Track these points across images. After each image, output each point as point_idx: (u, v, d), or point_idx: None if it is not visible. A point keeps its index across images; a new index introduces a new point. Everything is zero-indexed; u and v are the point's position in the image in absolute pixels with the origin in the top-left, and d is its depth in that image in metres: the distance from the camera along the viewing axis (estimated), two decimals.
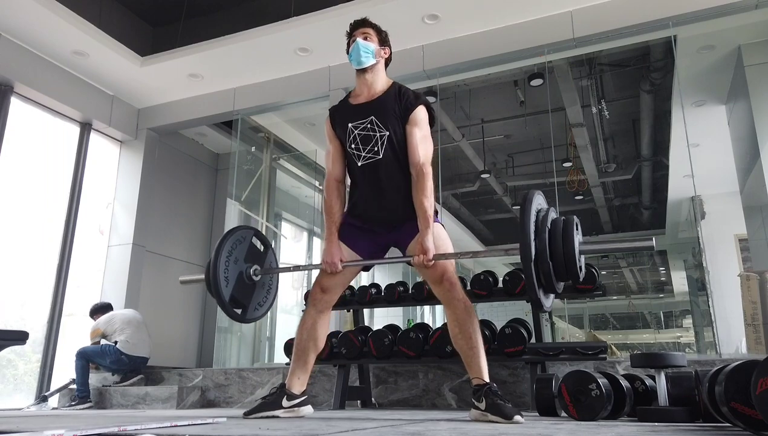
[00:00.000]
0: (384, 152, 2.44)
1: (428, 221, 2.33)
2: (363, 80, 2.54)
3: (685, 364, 2.26)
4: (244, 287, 2.80)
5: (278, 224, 7.04)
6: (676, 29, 4.52)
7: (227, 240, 2.76)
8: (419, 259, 2.30)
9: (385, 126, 2.44)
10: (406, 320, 7.22)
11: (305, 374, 2.57)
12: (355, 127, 2.49)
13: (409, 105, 2.43)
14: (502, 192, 9.11)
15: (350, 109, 2.55)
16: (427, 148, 2.44)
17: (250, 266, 2.82)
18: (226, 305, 2.71)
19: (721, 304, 5.43)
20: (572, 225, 2.14)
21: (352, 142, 2.50)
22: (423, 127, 2.45)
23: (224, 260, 2.71)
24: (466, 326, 2.34)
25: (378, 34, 2.59)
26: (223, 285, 2.69)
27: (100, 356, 4.59)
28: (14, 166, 4.99)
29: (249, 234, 2.89)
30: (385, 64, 2.61)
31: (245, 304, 2.82)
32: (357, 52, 2.51)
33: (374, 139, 2.45)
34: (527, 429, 1.79)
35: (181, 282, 3.17)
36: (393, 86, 2.54)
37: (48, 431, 1.51)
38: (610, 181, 8.69)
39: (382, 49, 2.57)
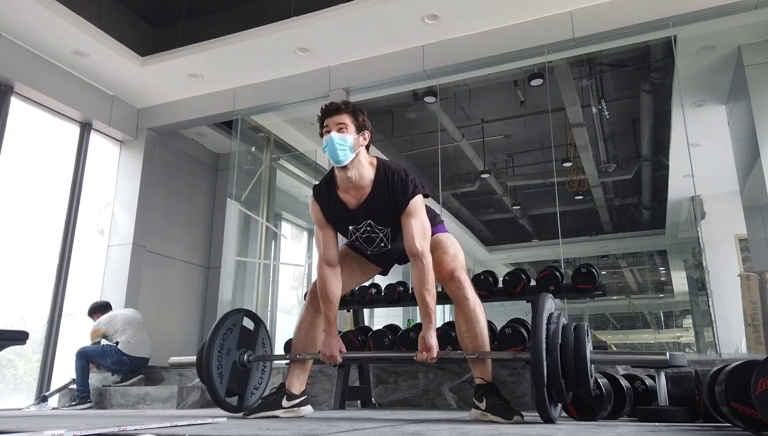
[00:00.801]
0: (392, 243, 2.44)
1: (430, 316, 2.28)
2: (346, 177, 2.31)
3: (685, 364, 2.26)
4: (238, 376, 2.74)
5: (278, 224, 7.03)
6: (676, 29, 4.51)
7: (218, 333, 2.66)
8: (422, 356, 2.28)
9: (383, 224, 2.37)
10: (406, 320, 7.22)
11: (304, 374, 2.57)
12: (356, 230, 2.41)
13: (401, 199, 2.28)
14: (502, 192, 9.11)
15: (344, 211, 2.38)
16: (425, 236, 2.31)
17: (243, 353, 2.76)
18: (222, 402, 2.64)
19: (721, 304, 5.43)
20: (584, 337, 2.09)
21: (355, 241, 2.47)
22: (419, 214, 2.30)
23: (216, 355, 2.63)
24: (473, 324, 2.34)
25: (355, 120, 2.32)
26: (218, 382, 2.61)
27: (101, 356, 4.59)
28: (14, 166, 4.99)
29: (239, 318, 2.81)
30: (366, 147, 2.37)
31: (242, 392, 2.77)
32: (333, 149, 2.25)
33: (378, 239, 2.42)
34: (527, 429, 1.79)
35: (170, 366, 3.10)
36: (379, 173, 2.33)
37: (48, 431, 1.51)
38: (610, 181, 8.68)
39: (360, 136, 2.31)
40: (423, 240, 2.28)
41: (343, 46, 5.02)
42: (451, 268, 2.38)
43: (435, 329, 2.28)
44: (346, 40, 4.94)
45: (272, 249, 6.78)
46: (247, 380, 2.81)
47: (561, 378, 2.02)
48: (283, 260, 6.96)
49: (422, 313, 2.29)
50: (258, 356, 2.83)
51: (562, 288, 3.33)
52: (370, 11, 4.62)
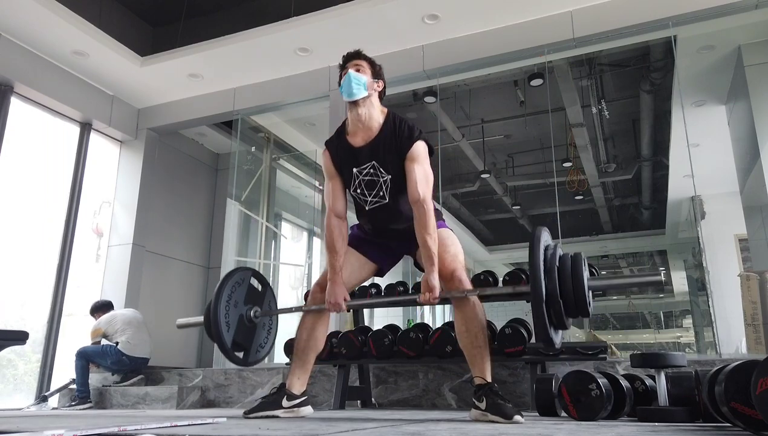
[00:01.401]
0: (390, 196, 2.45)
1: (432, 259, 2.31)
2: (356, 115, 2.43)
3: (685, 364, 2.26)
4: (245, 330, 2.78)
5: (278, 224, 7.04)
6: (676, 29, 4.52)
7: (226, 284, 2.72)
8: (425, 297, 2.31)
9: (386, 170, 2.41)
10: (406, 320, 7.22)
11: (305, 375, 2.57)
12: (359, 173, 2.46)
13: (406, 142, 2.38)
14: (502, 192, 9.12)
15: (350, 152, 2.47)
16: (428, 183, 2.39)
17: (250, 308, 2.80)
18: (229, 351, 2.68)
19: (721, 304, 5.43)
20: (580, 263, 2.15)
21: (357, 187, 2.49)
22: (422, 161, 2.40)
23: (224, 304, 2.67)
24: (472, 324, 2.34)
25: (371, 67, 2.50)
26: (225, 330, 2.65)
27: (100, 356, 4.59)
28: (14, 166, 4.99)
29: (247, 275, 2.86)
30: (379, 97, 2.51)
31: (247, 347, 2.80)
32: (348, 83, 2.40)
33: (378, 184, 2.44)
34: (527, 429, 1.79)
35: (179, 326, 3.12)
36: (388, 119, 2.45)
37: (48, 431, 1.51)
38: (610, 181, 8.68)
39: (375, 82, 2.48)
40: (425, 186, 2.37)
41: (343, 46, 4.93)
42: (452, 267, 2.39)
43: (437, 271, 2.33)
44: (346, 40, 4.93)
45: (272, 249, 6.78)
46: (253, 336, 2.84)
47: (559, 298, 2.08)
48: (283, 260, 6.96)
49: (425, 257, 2.33)
50: (265, 310, 2.87)
51: None
52: (370, 11, 4.62)
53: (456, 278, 2.37)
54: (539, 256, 2.10)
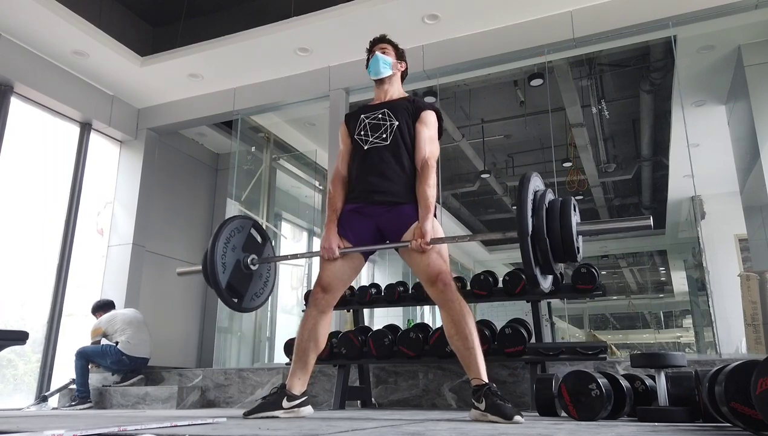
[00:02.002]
0: (392, 139, 2.56)
1: (429, 207, 2.41)
2: (381, 90, 2.73)
3: (685, 364, 2.26)
4: (241, 276, 2.81)
5: (278, 224, 7.04)
6: (676, 29, 4.52)
7: (225, 227, 2.78)
8: (416, 242, 2.35)
9: (396, 117, 2.59)
10: (406, 320, 7.22)
11: (306, 375, 2.57)
12: (366, 117, 2.65)
13: (421, 106, 2.61)
14: (502, 192, 9.12)
15: (366, 108, 2.72)
16: (433, 148, 2.56)
17: (247, 256, 2.84)
18: (223, 292, 2.72)
19: (721, 304, 5.43)
20: (569, 205, 2.15)
21: (361, 130, 2.63)
22: (431, 128, 2.59)
23: (222, 246, 2.72)
24: (461, 326, 2.33)
25: (395, 50, 2.78)
26: (220, 271, 2.69)
27: (100, 356, 4.59)
28: (14, 166, 4.99)
29: (248, 224, 2.91)
30: (401, 77, 2.80)
31: (242, 293, 2.83)
32: (376, 63, 2.70)
33: (383, 127, 2.59)
34: (527, 429, 1.79)
35: (179, 274, 3.18)
36: (409, 96, 2.73)
37: (48, 431, 1.51)
38: (610, 181, 8.69)
39: (398, 63, 2.77)
40: (432, 147, 2.55)
41: (343, 46, 5.02)
42: (437, 270, 2.37)
43: (432, 219, 2.40)
44: (346, 40, 4.94)
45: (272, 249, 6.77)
46: (249, 283, 2.87)
47: (545, 236, 2.07)
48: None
49: (422, 204, 2.43)
50: (263, 257, 2.89)
51: (562, 288, 3.32)
52: (370, 11, 4.62)
53: (440, 281, 2.35)
54: (528, 194, 2.11)
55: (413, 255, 2.41)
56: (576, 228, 2.13)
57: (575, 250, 2.12)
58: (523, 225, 2.06)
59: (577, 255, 2.14)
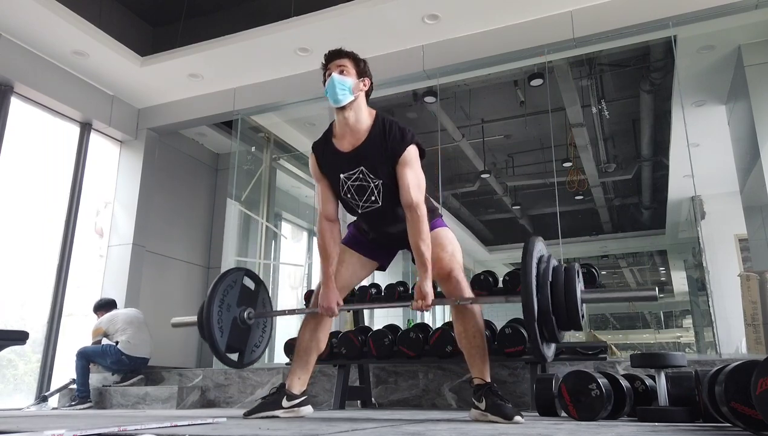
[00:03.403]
0: (383, 200, 2.37)
1: (426, 266, 2.27)
2: (343, 119, 2.35)
3: (685, 364, 2.26)
4: (239, 333, 2.76)
5: (278, 224, 7.04)
6: (676, 29, 4.51)
7: (218, 288, 2.69)
8: (418, 304, 2.29)
9: (376, 175, 2.33)
10: (406, 320, 7.21)
11: (306, 375, 2.57)
12: (347, 179, 2.37)
13: (397, 148, 2.29)
14: (502, 192, 9.12)
15: (337, 157, 2.38)
16: (420, 188, 2.32)
17: (243, 310, 2.79)
18: (223, 356, 2.68)
19: (721, 304, 5.43)
20: (574, 275, 2.13)
21: (346, 192, 2.40)
22: (414, 166, 2.31)
23: (216, 309, 2.66)
24: (470, 324, 2.34)
25: (356, 65, 2.39)
26: (218, 336, 2.64)
27: (101, 356, 4.59)
28: (14, 166, 4.99)
29: (239, 276, 2.84)
30: (366, 95, 2.42)
31: (242, 348, 2.79)
32: (332, 89, 2.31)
33: (369, 190, 2.37)
34: (527, 429, 1.79)
35: (173, 325, 3.11)
36: (377, 122, 2.35)
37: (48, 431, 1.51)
38: (610, 181, 8.68)
39: (360, 81, 2.37)
40: (418, 191, 2.30)
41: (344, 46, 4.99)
42: (449, 268, 2.38)
43: (431, 278, 2.30)
44: (346, 40, 4.88)
45: (272, 249, 6.78)
46: (248, 337, 2.83)
47: (552, 314, 2.06)
48: (283, 260, 6.96)
49: (418, 263, 2.29)
50: (258, 311, 2.85)
51: None
52: (370, 11, 4.62)
53: (453, 278, 2.36)
54: (531, 271, 2.06)
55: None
56: (581, 297, 2.13)
57: (580, 319, 2.11)
58: (530, 308, 2.02)
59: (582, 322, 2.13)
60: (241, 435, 1.52)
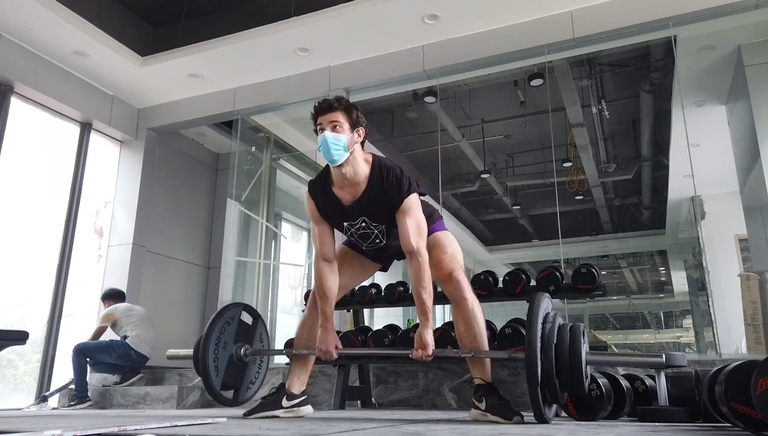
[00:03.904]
0: (387, 239, 2.43)
1: (427, 313, 2.25)
2: (341, 175, 2.31)
3: (685, 364, 2.26)
4: (235, 370, 2.75)
5: (278, 224, 7.04)
6: (676, 29, 4.51)
7: (215, 326, 2.68)
8: (418, 353, 2.26)
9: (378, 221, 2.36)
10: (406, 320, 7.22)
11: (305, 374, 2.57)
12: (351, 226, 2.40)
13: (395, 196, 2.27)
14: (502, 192, 9.11)
15: (338, 207, 2.37)
16: (420, 234, 2.29)
17: (240, 347, 2.77)
18: (218, 395, 2.67)
19: (721, 304, 5.43)
20: (579, 336, 2.07)
21: (350, 236, 2.46)
22: (414, 212, 2.28)
23: (213, 348, 2.64)
24: (471, 324, 2.34)
25: (348, 118, 2.31)
26: (214, 375, 2.63)
27: (105, 351, 4.54)
28: (14, 166, 4.99)
29: (237, 312, 2.82)
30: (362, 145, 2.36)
31: (237, 386, 2.78)
32: (326, 149, 2.25)
33: (373, 235, 2.41)
34: (527, 429, 1.79)
35: (168, 357, 3.11)
36: (374, 170, 2.32)
37: (48, 431, 1.51)
38: (610, 181, 8.68)
39: (354, 133, 2.30)
40: (418, 238, 2.27)
41: (343, 46, 5.02)
42: (450, 268, 2.38)
43: (432, 326, 2.27)
44: (346, 40, 4.94)
45: (272, 249, 6.78)
46: (244, 374, 2.82)
47: (555, 378, 2.01)
48: (283, 260, 6.96)
49: (419, 311, 2.27)
50: (255, 350, 2.83)
51: (562, 288, 3.32)
52: (370, 11, 4.62)
53: (454, 279, 2.36)
54: (537, 332, 2.00)
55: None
56: (585, 359, 2.06)
57: (584, 380, 2.05)
58: (534, 372, 1.96)
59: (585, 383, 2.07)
60: (241, 435, 1.52)
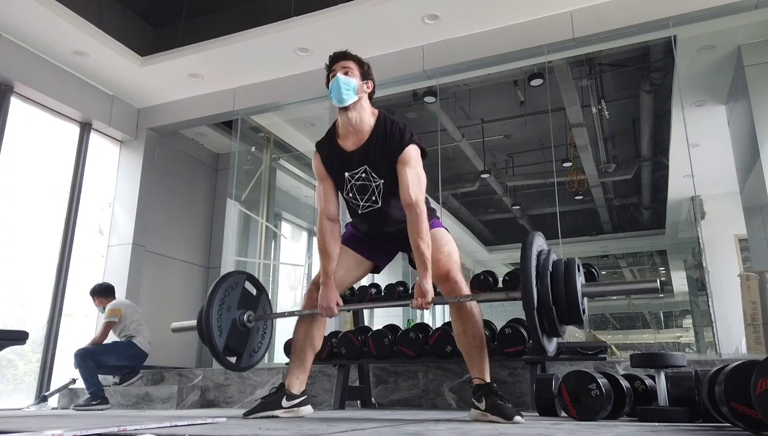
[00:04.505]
0: (382, 200, 2.42)
1: (426, 264, 2.28)
2: (347, 119, 2.40)
3: (685, 364, 2.26)
4: (238, 335, 2.75)
5: (278, 224, 7.04)
6: (676, 29, 4.52)
7: (219, 288, 2.70)
8: (418, 302, 2.29)
9: (378, 174, 2.39)
10: (406, 320, 7.21)
11: (304, 374, 2.57)
12: (351, 177, 2.43)
13: (397, 146, 2.34)
14: (502, 192, 9.11)
15: (342, 156, 2.44)
16: (420, 187, 2.34)
17: (243, 313, 2.78)
18: (220, 356, 2.67)
19: (721, 304, 5.42)
20: (574, 268, 2.12)
21: (349, 191, 2.46)
22: (414, 165, 2.35)
23: (216, 308, 2.66)
24: (469, 324, 2.34)
25: (360, 68, 2.47)
26: (216, 335, 2.63)
27: (113, 352, 4.49)
28: (14, 166, 4.99)
29: (241, 279, 2.84)
30: (369, 96, 2.48)
31: (240, 351, 2.78)
32: (337, 89, 2.36)
33: (371, 189, 2.42)
34: (527, 429, 1.79)
35: (173, 330, 3.10)
36: (379, 122, 2.41)
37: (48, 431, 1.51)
38: (610, 181, 8.68)
39: (364, 83, 2.44)
40: (418, 190, 2.32)
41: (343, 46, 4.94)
42: (447, 269, 2.38)
43: (430, 277, 2.30)
44: (346, 40, 4.92)
45: (272, 249, 6.78)
46: (247, 340, 2.82)
47: (552, 305, 2.04)
48: (283, 260, 6.96)
49: (418, 262, 2.30)
50: (258, 314, 2.84)
51: None
52: (370, 11, 4.62)
53: (451, 279, 2.36)
54: (531, 262, 2.06)
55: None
56: (581, 290, 2.11)
57: (581, 313, 2.09)
58: (529, 297, 2.01)
59: (583, 317, 2.11)
60: (241, 435, 1.52)
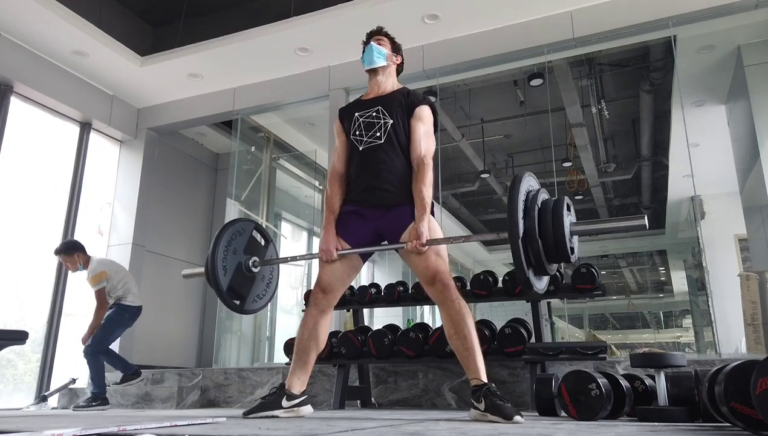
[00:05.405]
0: (386, 137, 2.52)
1: (425, 207, 2.37)
2: (374, 81, 2.66)
3: (684, 364, 2.26)
4: (242, 278, 2.81)
5: (278, 223, 7.04)
6: (676, 29, 4.52)
7: (226, 230, 2.78)
8: (412, 244, 2.33)
9: (390, 114, 2.54)
10: (406, 320, 7.22)
11: (305, 374, 2.56)
12: (360, 116, 2.60)
13: (415, 101, 2.55)
14: (502, 192, 9.12)
15: (359, 104, 2.67)
16: (429, 144, 2.51)
17: (249, 258, 2.84)
18: (224, 295, 2.73)
19: (721, 304, 5.43)
20: (563, 204, 2.11)
21: (356, 129, 2.59)
22: (426, 123, 2.53)
23: (222, 249, 2.73)
24: (460, 326, 2.33)
25: (392, 43, 2.73)
26: (221, 274, 2.70)
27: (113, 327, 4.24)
28: (14, 166, 4.99)
29: (249, 227, 2.91)
30: (396, 71, 2.74)
31: (243, 295, 2.83)
32: (370, 53, 2.64)
33: (377, 126, 2.54)
34: (527, 429, 1.79)
35: (184, 276, 3.17)
36: (402, 89, 2.66)
37: (48, 431, 1.51)
38: (610, 181, 8.69)
39: (394, 55, 2.72)
40: (428, 144, 2.50)
41: (343, 46, 5.02)
42: (434, 269, 2.36)
43: (427, 220, 2.36)
44: (346, 40, 4.94)
45: None
46: (251, 285, 2.87)
47: (538, 237, 2.04)
48: None
49: (418, 205, 2.38)
50: (263, 260, 2.88)
51: (562, 288, 3.32)
52: (370, 11, 4.62)
53: (439, 281, 2.33)
54: (519, 196, 2.07)
55: (411, 256, 2.39)
56: (569, 228, 2.11)
57: (569, 250, 2.08)
58: (514, 226, 2.02)
59: (571, 255, 2.11)
60: (241, 435, 1.52)
